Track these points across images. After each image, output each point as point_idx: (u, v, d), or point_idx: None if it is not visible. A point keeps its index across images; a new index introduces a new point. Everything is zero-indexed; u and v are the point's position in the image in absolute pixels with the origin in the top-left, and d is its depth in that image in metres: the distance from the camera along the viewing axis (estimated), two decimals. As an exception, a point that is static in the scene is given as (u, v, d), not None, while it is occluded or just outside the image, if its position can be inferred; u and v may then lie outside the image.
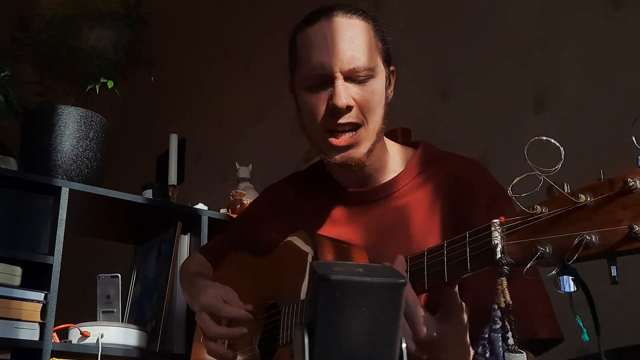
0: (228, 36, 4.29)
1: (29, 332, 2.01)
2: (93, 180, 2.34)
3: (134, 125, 4.79)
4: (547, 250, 0.79)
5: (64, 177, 2.27)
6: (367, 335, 0.67)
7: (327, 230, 1.31)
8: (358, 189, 1.32)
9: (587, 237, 0.75)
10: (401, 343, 0.69)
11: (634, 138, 0.74)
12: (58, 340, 2.09)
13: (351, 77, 1.22)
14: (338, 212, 1.33)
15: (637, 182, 0.74)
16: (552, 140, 0.83)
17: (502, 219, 0.86)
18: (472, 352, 1.03)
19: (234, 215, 2.41)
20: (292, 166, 2.37)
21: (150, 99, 4.65)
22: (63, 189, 2.17)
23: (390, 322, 0.68)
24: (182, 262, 2.29)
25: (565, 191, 0.79)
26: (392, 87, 1.32)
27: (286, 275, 1.28)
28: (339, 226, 1.31)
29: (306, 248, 1.20)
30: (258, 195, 1.62)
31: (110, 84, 2.48)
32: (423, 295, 1.13)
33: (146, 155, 4.66)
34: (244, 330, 1.25)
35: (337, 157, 1.24)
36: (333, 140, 1.23)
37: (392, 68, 1.31)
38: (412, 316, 0.97)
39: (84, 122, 2.36)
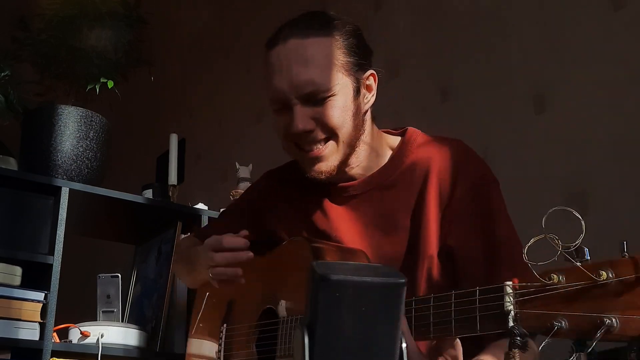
0: (228, 36, 4.29)
1: (29, 332, 2.00)
2: (93, 180, 2.33)
3: (134, 125, 4.79)
4: (564, 326, 0.75)
5: (64, 177, 2.27)
6: (367, 335, 0.67)
7: (319, 223, 1.32)
8: (347, 183, 1.33)
9: (608, 320, 0.71)
10: (401, 343, 0.69)
11: None
12: (58, 340, 2.09)
13: (309, 99, 1.23)
14: (329, 206, 1.34)
15: None
16: (574, 212, 0.77)
17: (516, 281, 0.82)
18: None
19: (234, 215, 2.40)
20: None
21: (150, 99, 4.65)
22: (63, 189, 2.17)
23: (390, 322, 0.68)
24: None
25: (586, 257, 0.74)
26: (372, 92, 1.31)
27: (284, 283, 1.28)
28: (328, 220, 1.32)
29: (306, 256, 1.20)
30: (257, 179, 1.61)
31: (110, 84, 2.48)
32: None
33: (146, 155, 4.66)
34: (249, 254, 1.26)
35: (310, 172, 1.27)
36: (304, 154, 1.26)
37: (369, 73, 1.30)
38: None
39: (84, 122, 2.36)
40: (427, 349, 1.03)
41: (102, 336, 2.08)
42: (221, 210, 2.54)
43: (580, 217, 0.76)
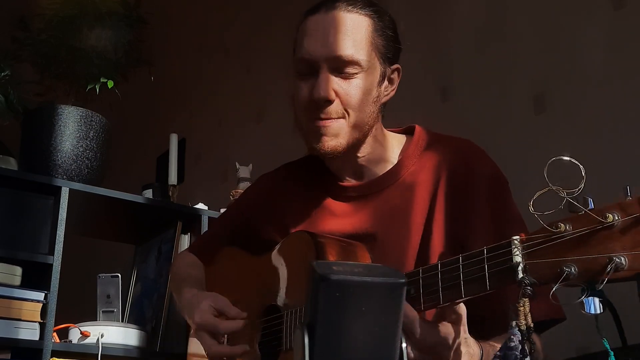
0: (228, 36, 4.29)
1: (29, 332, 2.01)
2: (93, 180, 2.33)
3: (134, 125, 4.78)
4: (573, 271, 0.75)
5: (64, 177, 2.27)
6: (367, 335, 0.67)
7: (324, 223, 1.30)
8: (354, 182, 1.31)
9: (617, 259, 0.72)
10: (401, 343, 0.69)
11: None
12: (58, 340, 2.09)
13: (337, 68, 1.22)
14: (334, 206, 1.32)
15: None
16: (573, 160, 0.79)
17: (523, 235, 0.82)
18: (477, 351, 1.02)
19: (234, 215, 2.40)
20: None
21: (150, 98, 4.64)
22: (63, 188, 2.17)
23: (391, 322, 0.68)
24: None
25: (590, 207, 0.76)
26: (393, 86, 1.31)
27: (287, 277, 1.27)
28: (335, 220, 1.30)
29: (308, 249, 1.18)
30: (251, 184, 1.59)
31: (110, 84, 2.48)
32: None
33: (146, 155, 4.66)
34: (246, 348, 1.24)
35: (315, 143, 1.24)
36: (315, 122, 1.23)
37: (395, 66, 1.30)
38: (410, 326, 0.95)
39: (84, 122, 2.36)
40: (432, 317, 1.02)
41: (102, 336, 2.08)
42: (221, 210, 2.55)
43: (578, 163, 0.78)
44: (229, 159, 3.43)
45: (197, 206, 2.50)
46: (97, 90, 2.48)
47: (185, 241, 2.39)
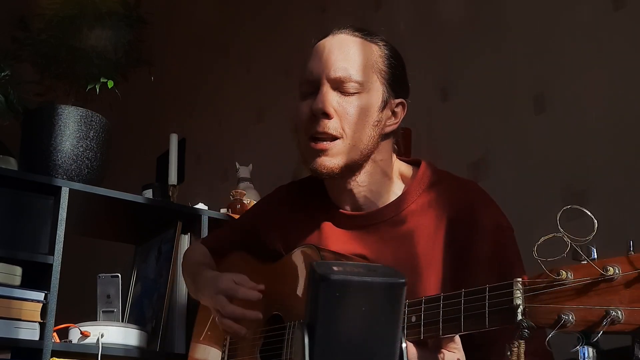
0: (228, 36, 4.29)
1: (29, 332, 2.00)
2: (93, 180, 2.33)
3: (134, 125, 4.79)
4: (570, 319, 0.77)
5: (64, 177, 2.27)
6: (367, 335, 0.67)
7: (323, 244, 1.30)
8: (353, 211, 1.31)
9: (614, 312, 0.73)
10: (401, 343, 0.69)
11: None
12: (58, 340, 2.09)
13: (337, 86, 1.24)
14: (333, 232, 1.32)
15: None
16: (587, 212, 0.79)
17: (525, 278, 0.84)
18: None
19: (235, 215, 2.40)
20: (292, 166, 2.37)
21: (150, 98, 4.65)
22: (63, 188, 2.17)
23: (390, 322, 0.68)
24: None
25: (593, 257, 0.77)
26: (397, 119, 1.30)
27: (292, 289, 1.28)
28: (333, 246, 1.30)
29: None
30: (265, 195, 1.61)
31: (110, 84, 2.48)
32: None
33: (146, 155, 4.66)
34: (259, 315, 1.27)
35: (312, 164, 1.25)
36: (312, 145, 1.25)
37: (400, 100, 1.30)
38: None
39: (84, 122, 2.36)
40: (430, 344, 1.03)
41: (102, 336, 2.08)
42: (221, 210, 2.55)
43: (592, 215, 0.78)
44: (229, 159, 3.44)
45: (197, 206, 2.50)
46: (97, 90, 2.48)
47: (185, 241, 2.39)
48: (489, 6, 2.69)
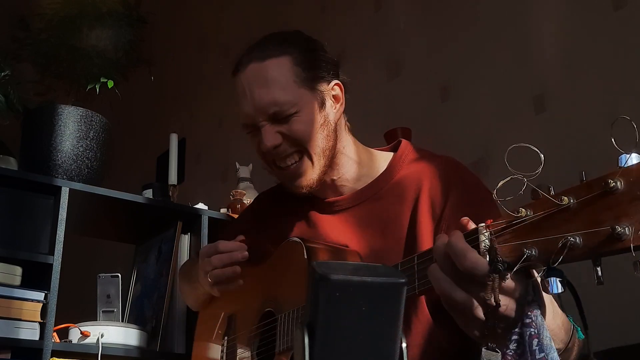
0: (228, 36, 4.29)
1: (29, 332, 2.00)
2: (93, 180, 2.33)
3: (134, 125, 4.79)
4: (534, 252, 0.80)
5: (64, 176, 2.27)
6: (367, 335, 0.67)
7: (309, 233, 1.34)
8: (336, 198, 1.35)
9: (571, 239, 0.75)
10: (401, 343, 0.69)
11: (612, 139, 0.74)
12: (58, 340, 2.09)
13: (274, 118, 1.27)
14: (321, 219, 1.35)
15: (618, 183, 0.73)
16: (532, 147, 0.85)
17: (489, 221, 0.86)
18: None
19: (234, 215, 2.41)
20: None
21: (150, 98, 4.65)
22: (63, 188, 2.17)
23: (390, 322, 0.68)
24: (182, 261, 2.29)
25: (550, 194, 0.79)
26: (340, 101, 1.33)
27: (282, 283, 1.30)
28: (324, 232, 1.33)
29: (301, 256, 1.22)
30: (253, 200, 1.68)
31: (110, 84, 2.48)
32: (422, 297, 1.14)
33: (146, 155, 4.66)
34: (244, 253, 1.32)
35: (290, 187, 1.32)
36: (282, 172, 1.31)
37: (333, 84, 1.32)
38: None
39: (84, 121, 2.36)
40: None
41: (102, 336, 2.08)
42: (221, 210, 2.55)
43: (537, 150, 0.84)
44: (229, 159, 3.44)
45: (197, 206, 2.50)
46: (97, 90, 2.48)
47: (185, 241, 2.39)
48: (489, 6, 2.70)
